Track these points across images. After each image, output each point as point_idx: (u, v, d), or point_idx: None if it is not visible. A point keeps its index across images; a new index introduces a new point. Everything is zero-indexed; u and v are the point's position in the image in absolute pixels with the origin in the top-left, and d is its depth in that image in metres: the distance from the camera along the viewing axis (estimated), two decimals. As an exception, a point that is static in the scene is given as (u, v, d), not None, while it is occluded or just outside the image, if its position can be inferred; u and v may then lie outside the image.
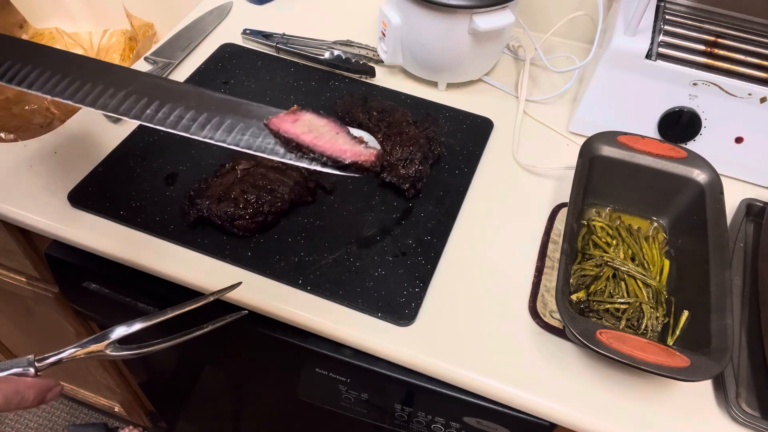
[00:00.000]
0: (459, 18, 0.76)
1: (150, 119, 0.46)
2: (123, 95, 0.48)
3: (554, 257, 0.68)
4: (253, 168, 0.69)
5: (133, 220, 0.67)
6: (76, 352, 0.46)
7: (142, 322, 0.48)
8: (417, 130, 0.74)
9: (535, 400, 0.58)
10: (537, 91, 0.89)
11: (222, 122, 0.45)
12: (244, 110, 0.46)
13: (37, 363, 0.43)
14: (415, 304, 0.62)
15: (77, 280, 0.74)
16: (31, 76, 0.49)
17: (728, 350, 0.53)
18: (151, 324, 0.49)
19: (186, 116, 0.46)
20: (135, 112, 0.47)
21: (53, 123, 1.00)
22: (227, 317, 0.54)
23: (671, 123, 0.77)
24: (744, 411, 0.56)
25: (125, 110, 0.47)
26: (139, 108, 0.47)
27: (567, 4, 0.92)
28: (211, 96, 0.48)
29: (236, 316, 0.55)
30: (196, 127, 0.45)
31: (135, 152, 0.74)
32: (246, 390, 0.95)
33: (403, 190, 0.70)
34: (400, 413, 0.68)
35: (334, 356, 0.64)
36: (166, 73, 0.86)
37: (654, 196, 0.70)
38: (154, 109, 0.47)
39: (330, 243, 0.67)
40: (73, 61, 0.51)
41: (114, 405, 1.30)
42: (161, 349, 0.49)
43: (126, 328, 0.47)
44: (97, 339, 0.47)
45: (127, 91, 0.48)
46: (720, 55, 0.74)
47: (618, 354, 0.52)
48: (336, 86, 0.86)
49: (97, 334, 0.48)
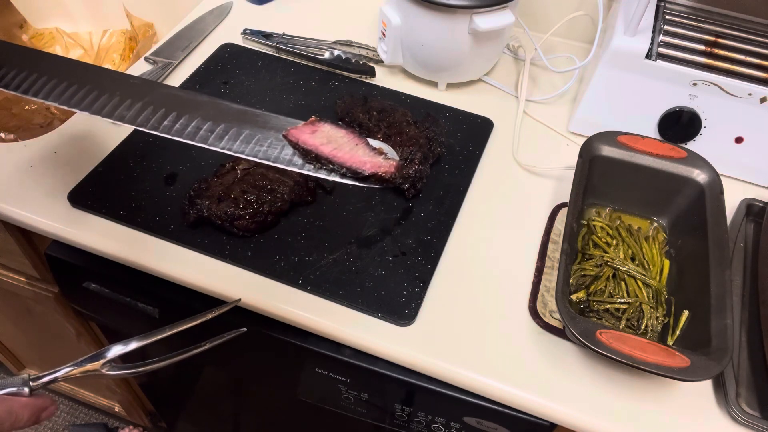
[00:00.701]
0: (459, 18, 0.76)
1: (168, 130, 0.46)
2: (140, 106, 0.48)
3: (554, 257, 0.68)
4: (253, 168, 0.69)
5: (133, 220, 0.67)
6: (72, 371, 0.45)
7: (139, 341, 0.47)
8: (417, 130, 0.74)
9: (535, 400, 0.58)
10: (537, 91, 0.89)
11: (240, 133, 0.45)
12: (262, 121, 0.46)
13: (31, 383, 0.43)
14: (415, 304, 0.62)
15: (77, 280, 0.74)
16: (47, 87, 0.49)
17: (728, 350, 0.53)
18: (148, 342, 0.48)
19: (204, 127, 0.46)
20: (153, 123, 0.47)
21: (53, 123, 1.00)
22: (225, 335, 0.53)
23: (671, 123, 0.77)
24: (744, 411, 0.56)
25: (142, 121, 0.47)
26: (157, 119, 0.47)
27: (567, 4, 0.92)
28: (229, 106, 0.48)
29: (234, 333, 0.54)
30: (214, 138, 0.45)
31: (135, 152, 0.74)
32: (246, 390, 0.95)
33: (403, 190, 0.70)
34: (400, 413, 0.68)
35: (334, 356, 0.64)
36: (167, 73, 0.86)
37: (654, 196, 0.70)
38: (171, 120, 0.47)
39: (330, 243, 0.67)
40: (90, 71, 0.51)
41: (114, 405, 1.30)
42: (158, 368, 0.48)
43: (122, 347, 0.46)
44: (93, 358, 0.46)
45: (144, 102, 0.48)
46: (720, 55, 0.74)
47: (618, 354, 0.52)
48: (336, 86, 0.86)
49: (93, 353, 0.47)
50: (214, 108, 0.48)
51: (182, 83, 0.84)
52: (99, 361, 0.46)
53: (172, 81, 0.85)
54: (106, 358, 0.46)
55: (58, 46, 1.06)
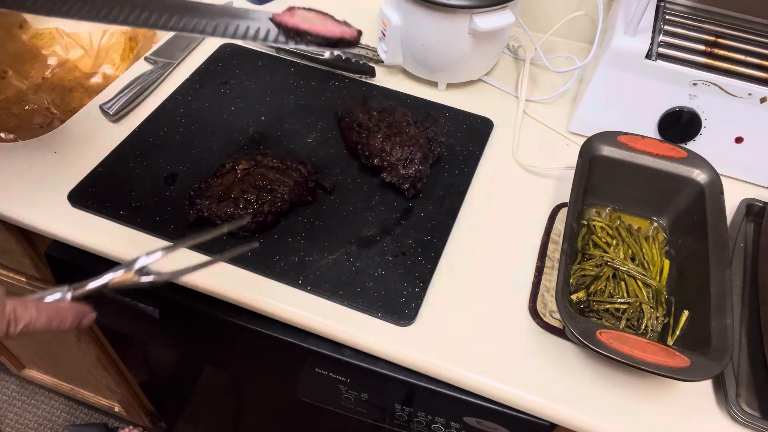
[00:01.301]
0: (459, 18, 0.76)
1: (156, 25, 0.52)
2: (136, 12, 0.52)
3: (554, 257, 0.68)
4: (253, 168, 0.69)
5: (133, 220, 0.67)
6: (113, 279, 0.49)
7: (162, 251, 0.51)
8: (417, 130, 0.74)
9: (535, 400, 0.58)
10: (537, 91, 0.89)
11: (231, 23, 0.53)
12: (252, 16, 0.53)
13: (73, 291, 0.47)
14: (415, 304, 0.62)
15: (77, 280, 0.74)
16: None
17: (728, 350, 0.53)
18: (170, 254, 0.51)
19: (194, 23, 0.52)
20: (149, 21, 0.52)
21: (53, 123, 1.00)
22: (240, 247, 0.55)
23: (671, 123, 0.77)
24: (744, 411, 0.56)
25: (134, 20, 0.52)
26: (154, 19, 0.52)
27: (567, 4, 0.92)
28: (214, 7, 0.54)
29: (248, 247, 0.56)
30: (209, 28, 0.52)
31: (135, 152, 0.74)
32: (246, 390, 0.95)
33: (403, 190, 0.70)
34: (400, 413, 0.68)
35: (334, 356, 0.64)
36: (167, 73, 0.85)
37: (654, 196, 0.70)
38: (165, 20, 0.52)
39: (330, 243, 0.67)
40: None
41: (114, 405, 1.30)
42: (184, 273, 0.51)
43: (147, 258, 0.50)
44: (126, 268, 0.50)
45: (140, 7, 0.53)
46: (720, 55, 0.74)
47: (618, 354, 0.52)
48: (336, 86, 0.86)
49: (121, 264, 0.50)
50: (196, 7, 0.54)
51: (182, 83, 0.84)
52: (131, 270, 0.49)
53: (172, 81, 0.85)
54: (135, 268, 0.49)
55: (58, 46, 1.05)
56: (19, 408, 1.50)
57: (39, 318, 0.44)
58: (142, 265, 0.50)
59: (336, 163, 0.75)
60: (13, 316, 0.42)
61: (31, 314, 0.44)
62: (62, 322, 0.46)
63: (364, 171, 0.74)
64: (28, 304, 0.44)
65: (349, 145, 0.75)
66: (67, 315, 0.46)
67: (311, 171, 0.71)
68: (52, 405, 1.51)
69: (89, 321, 0.48)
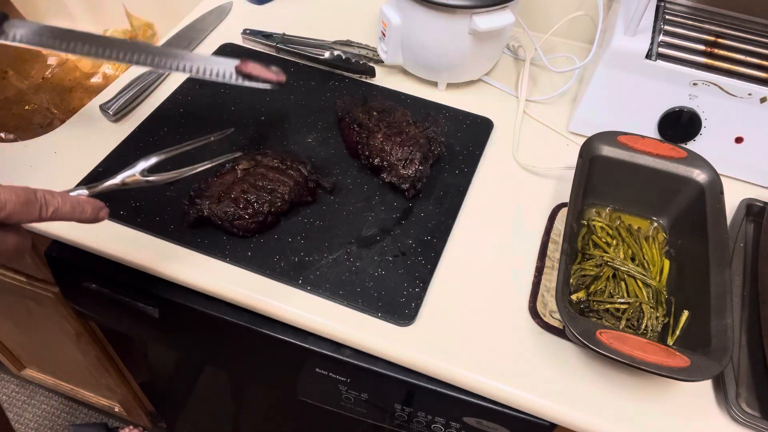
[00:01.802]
0: (459, 18, 0.76)
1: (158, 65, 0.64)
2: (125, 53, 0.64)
3: (554, 257, 0.68)
4: (253, 168, 0.69)
5: (133, 220, 0.67)
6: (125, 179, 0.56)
7: (158, 155, 0.58)
8: (417, 130, 0.74)
9: (535, 400, 0.58)
10: (537, 91, 0.89)
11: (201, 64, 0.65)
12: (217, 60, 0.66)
13: (88, 190, 0.53)
14: (415, 304, 0.62)
15: (77, 280, 0.74)
16: None
17: (728, 350, 0.53)
18: (165, 158, 0.59)
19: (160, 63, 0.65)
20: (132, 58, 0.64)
21: (53, 123, 1.00)
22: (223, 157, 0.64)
23: (671, 123, 0.77)
24: (744, 411, 0.56)
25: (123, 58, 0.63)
26: None
27: (567, 4, 0.92)
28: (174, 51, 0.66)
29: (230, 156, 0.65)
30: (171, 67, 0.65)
31: (135, 152, 0.74)
32: (246, 390, 0.95)
33: (403, 190, 0.70)
34: (400, 413, 0.68)
35: (334, 356, 0.64)
36: (167, 74, 0.85)
37: (654, 196, 0.70)
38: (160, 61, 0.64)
39: (330, 243, 0.67)
40: None
41: (114, 405, 1.30)
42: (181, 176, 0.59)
43: (145, 162, 0.57)
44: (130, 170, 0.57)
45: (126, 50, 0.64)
46: (720, 55, 0.74)
47: (618, 354, 0.52)
48: (336, 86, 0.86)
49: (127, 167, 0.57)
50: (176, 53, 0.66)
51: (182, 83, 0.84)
52: (135, 173, 0.57)
53: (171, 81, 0.85)
54: (138, 170, 0.57)
55: (58, 46, 1.06)
56: (19, 408, 1.50)
57: (64, 205, 0.48)
58: (142, 169, 0.57)
59: (336, 163, 0.75)
60: (44, 201, 0.46)
61: (58, 201, 0.48)
62: (83, 212, 0.50)
63: (364, 171, 0.74)
64: (54, 193, 0.48)
65: (349, 145, 0.75)
66: (87, 206, 0.50)
67: (311, 171, 0.71)
68: (52, 405, 1.51)
69: (105, 215, 0.52)
